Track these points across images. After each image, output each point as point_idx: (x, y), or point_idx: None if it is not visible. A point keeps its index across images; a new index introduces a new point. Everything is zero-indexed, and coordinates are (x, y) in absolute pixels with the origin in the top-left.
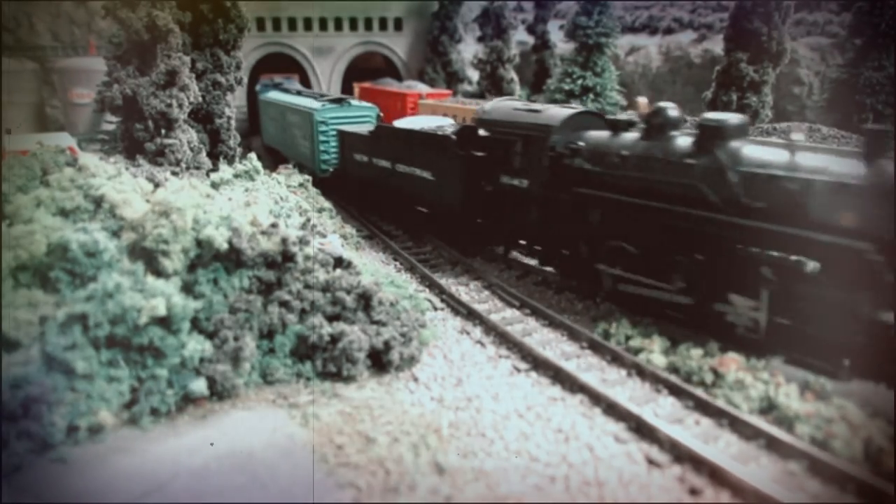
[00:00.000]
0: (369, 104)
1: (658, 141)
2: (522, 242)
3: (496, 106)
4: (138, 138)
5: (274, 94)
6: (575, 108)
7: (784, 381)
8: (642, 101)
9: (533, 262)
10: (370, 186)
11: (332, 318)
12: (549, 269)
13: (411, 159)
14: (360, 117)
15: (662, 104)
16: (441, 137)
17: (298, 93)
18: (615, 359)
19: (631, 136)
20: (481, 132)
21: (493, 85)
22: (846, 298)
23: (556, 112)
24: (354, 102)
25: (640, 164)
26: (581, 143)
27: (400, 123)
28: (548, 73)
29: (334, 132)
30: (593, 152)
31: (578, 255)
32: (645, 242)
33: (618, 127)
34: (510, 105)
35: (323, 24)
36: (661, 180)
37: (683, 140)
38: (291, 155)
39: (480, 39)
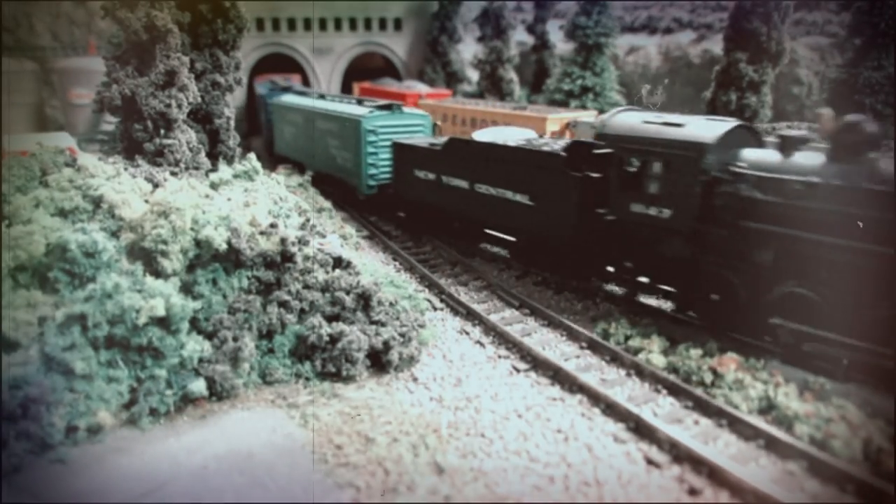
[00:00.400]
0: (422, 112)
1: (856, 164)
2: (644, 280)
3: (620, 117)
4: (137, 139)
5: (292, 98)
6: (727, 120)
7: (783, 380)
8: (826, 113)
9: (654, 302)
10: (437, 209)
11: (331, 319)
12: (690, 314)
13: (500, 179)
14: (413, 126)
15: (854, 118)
16: (547, 155)
17: (322, 96)
18: (614, 359)
19: (810, 156)
20: (599, 150)
21: (493, 85)
22: None
23: (709, 127)
24: (406, 110)
25: (835, 193)
26: (743, 166)
27: (479, 136)
28: (547, 74)
29: (385, 143)
30: (763, 177)
31: (734, 302)
32: (835, 290)
33: (788, 145)
34: (638, 117)
35: (323, 25)
36: (866, 215)
37: (891, 163)
38: (321, 168)
39: (480, 39)
